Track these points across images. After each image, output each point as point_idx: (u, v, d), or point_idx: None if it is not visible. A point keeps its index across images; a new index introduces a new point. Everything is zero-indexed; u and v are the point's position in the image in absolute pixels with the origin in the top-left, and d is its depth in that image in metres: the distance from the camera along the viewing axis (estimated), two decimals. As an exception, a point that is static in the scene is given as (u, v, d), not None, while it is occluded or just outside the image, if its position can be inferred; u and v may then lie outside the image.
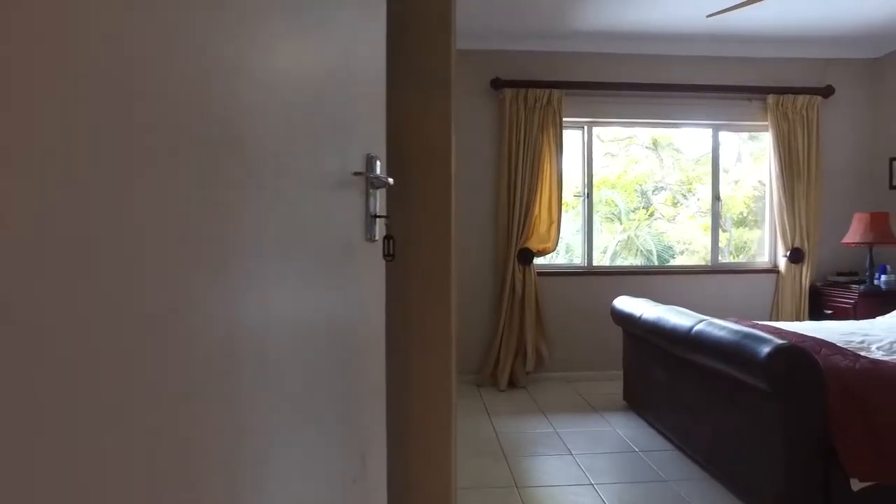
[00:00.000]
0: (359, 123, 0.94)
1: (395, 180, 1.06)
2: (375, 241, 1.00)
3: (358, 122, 0.94)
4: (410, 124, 1.24)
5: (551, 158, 4.25)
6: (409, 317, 1.27)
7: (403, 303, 1.27)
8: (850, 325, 3.40)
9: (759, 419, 2.21)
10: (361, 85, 0.97)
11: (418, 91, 1.27)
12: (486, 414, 3.64)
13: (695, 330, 2.57)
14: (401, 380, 1.27)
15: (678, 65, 4.40)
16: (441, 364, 1.28)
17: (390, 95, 1.11)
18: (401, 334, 1.26)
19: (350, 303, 0.92)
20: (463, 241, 4.35)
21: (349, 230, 0.90)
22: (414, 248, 1.25)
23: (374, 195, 0.98)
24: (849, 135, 4.55)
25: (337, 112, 0.85)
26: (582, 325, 4.38)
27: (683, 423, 2.85)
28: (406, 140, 1.24)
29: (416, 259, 1.26)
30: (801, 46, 4.39)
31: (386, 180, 0.98)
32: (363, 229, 0.96)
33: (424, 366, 1.28)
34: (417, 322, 1.28)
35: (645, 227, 5.19)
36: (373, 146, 0.99)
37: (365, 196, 0.96)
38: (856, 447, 2.02)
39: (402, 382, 1.27)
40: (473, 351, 4.38)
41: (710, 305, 4.24)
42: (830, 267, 4.49)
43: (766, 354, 2.02)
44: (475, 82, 4.35)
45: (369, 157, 0.97)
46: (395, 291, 1.20)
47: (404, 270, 1.26)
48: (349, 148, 0.90)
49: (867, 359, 2.43)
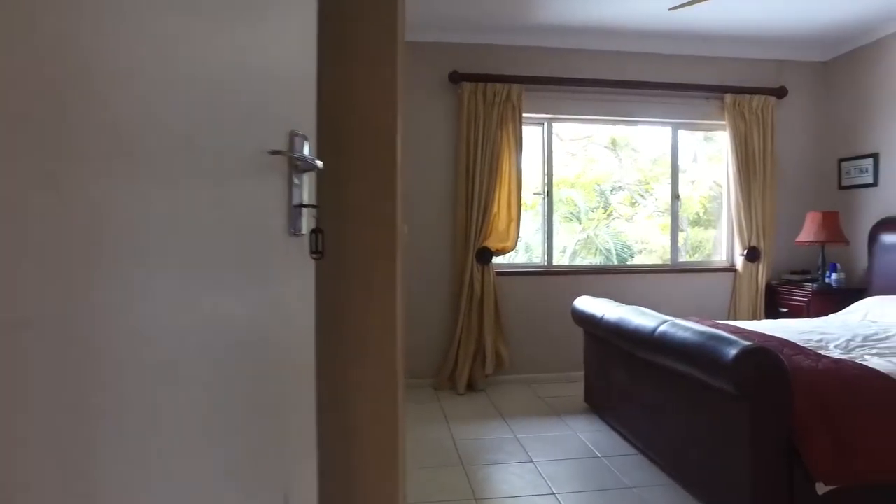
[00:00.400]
0: (278, 94, 0.78)
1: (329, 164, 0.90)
2: (301, 235, 0.83)
3: (278, 92, 0.78)
4: (349, 99, 1.08)
5: (510, 155, 4.13)
6: (348, 323, 1.11)
7: (340, 307, 1.10)
8: (807, 323, 3.40)
9: (724, 422, 2.14)
10: (282, 50, 0.80)
11: (359, 61, 1.10)
12: (444, 420, 3.50)
13: (658, 331, 2.48)
14: (339, 393, 1.10)
15: (639, 62, 4.37)
16: (385, 373, 1.13)
17: (325, 66, 0.95)
18: (337, 343, 1.10)
19: (267, 309, 0.75)
20: (420, 240, 4.20)
21: (265, 222, 0.74)
22: (352, 243, 1.09)
23: (300, 181, 0.81)
24: (801, 135, 4.61)
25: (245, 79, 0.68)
26: (542, 325, 4.29)
27: (646, 426, 2.77)
28: (344, 117, 1.08)
29: (355, 257, 1.10)
30: (756, 47, 4.42)
31: (313, 163, 0.82)
32: (285, 221, 0.79)
33: (366, 377, 1.12)
34: (357, 328, 1.12)
35: (604, 226, 5.16)
36: (299, 122, 0.83)
37: (287, 182, 0.79)
38: (820, 450, 1.97)
39: (340, 396, 1.10)
40: (431, 354, 4.23)
41: (670, 304, 4.21)
42: (785, 266, 4.54)
43: (733, 356, 1.94)
44: (432, 76, 4.20)
45: (293, 135, 0.80)
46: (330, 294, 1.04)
47: (342, 270, 1.09)
48: (266, 124, 0.74)
49: (828, 358, 2.40)
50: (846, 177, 4.40)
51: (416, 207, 4.20)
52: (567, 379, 4.23)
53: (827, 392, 2.06)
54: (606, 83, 4.26)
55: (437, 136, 4.23)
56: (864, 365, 2.32)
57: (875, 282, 3.92)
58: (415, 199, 4.21)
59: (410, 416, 3.52)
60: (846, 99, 4.42)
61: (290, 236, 0.80)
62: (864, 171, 4.25)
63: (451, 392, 4.09)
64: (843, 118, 4.44)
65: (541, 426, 3.35)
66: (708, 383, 2.16)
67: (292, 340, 0.84)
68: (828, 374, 2.17)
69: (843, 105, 4.45)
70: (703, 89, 4.38)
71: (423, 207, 4.22)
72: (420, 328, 4.21)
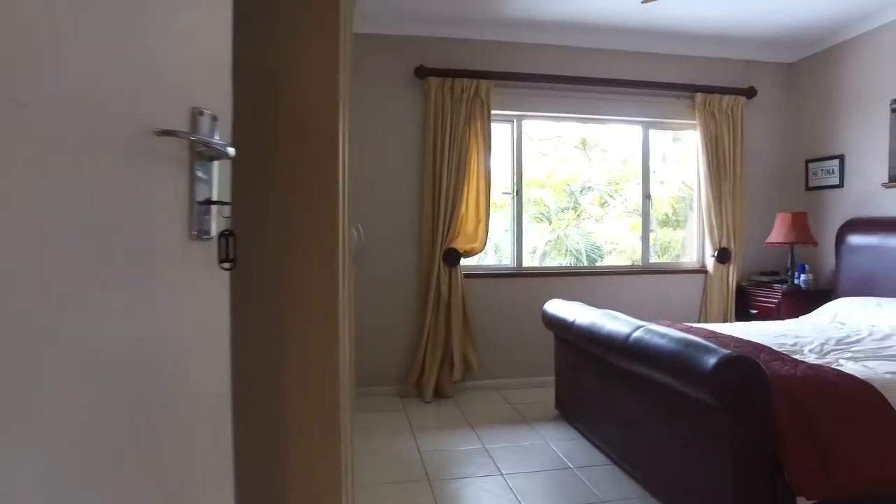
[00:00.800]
0: (177, 59, 0.61)
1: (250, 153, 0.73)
2: (209, 239, 0.66)
3: (175, 56, 0.61)
4: (278, 77, 0.90)
5: (479, 153, 3.99)
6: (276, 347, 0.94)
7: (266, 328, 0.93)
8: (779, 326, 3.35)
9: (703, 433, 2.03)
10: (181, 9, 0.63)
11: (291, 31, 0.92)
12: (410, 430, 3.33)
13: (632, 338, 2.37)
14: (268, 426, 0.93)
15: (610, 59, 4.28)
16: (326, 405, 0.96)
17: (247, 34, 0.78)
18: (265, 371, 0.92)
19: (157, 334, 0.58)
20: (384, 241, 4.02)
21: (150, 222, 0.57)
22: (281, 249, 0.91)
23: (207, 172, 0.64)
24: (769, 136, 4.60)
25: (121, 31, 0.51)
26: (512, 329, 4.16)
27: (620, 435, 2.66)
28: (272, 99, 0.90)
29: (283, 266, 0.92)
30: (726, 46, 4.38)
31: (223, 150, 0.65)
32: (185, 221, 0.62)
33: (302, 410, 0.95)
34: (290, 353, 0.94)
35: (574, 227, 5.07)
36: (206, 98, 0.66)
37: (188, 171, 0.62)
38: (802, 464, 1.87)
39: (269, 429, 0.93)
40: (396, 360, 4.07)
41: (641, 306, 4.14)
42: (754, 267, 4.52)
43: (712, 366, 1.83)
44: (397, 70, 4.03)
45: (196, 114, 0.63)
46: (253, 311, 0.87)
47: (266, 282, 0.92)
48: (155, 95, 0.57)
49: (805, 364, 2.33)
50: (813, 178, 4.40)
51: (379, 207, 4.03)
52: (537, 384, 4.11)
53: (807, 401, 1.97)
54: (577, 80, 4.16)
55: (402, 133, 4.06)
56: (842, 371, 2.25)
57: (842, 283, 3.91)
58: (378, 199, 4.03)
59: (374, 427, 3.34)
60: (812, 100, 4.42)
61: (191, 240, 0.63)
62: (831, 173, 4.25)
63: (417, 399, 3.92)
64: (810, 119, 4.44)
65: (511, 435, 3.22)
66: (685, 393, 2.05)
67: (194, 369, 0.67)
68: (807, 381, 2.09)
69: (809, 106, 4.45)
70: (674, 88, 4.32)
71: (387, 207, 4.04)
72: (385, 333, 4.04)
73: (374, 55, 4.01)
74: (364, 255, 3.87)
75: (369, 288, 3.98)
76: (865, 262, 3.75)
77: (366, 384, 3.98)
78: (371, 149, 4.02)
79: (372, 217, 4.00)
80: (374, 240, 4.00)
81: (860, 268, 3.79)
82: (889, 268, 3.58)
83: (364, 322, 3.95)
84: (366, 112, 3.99)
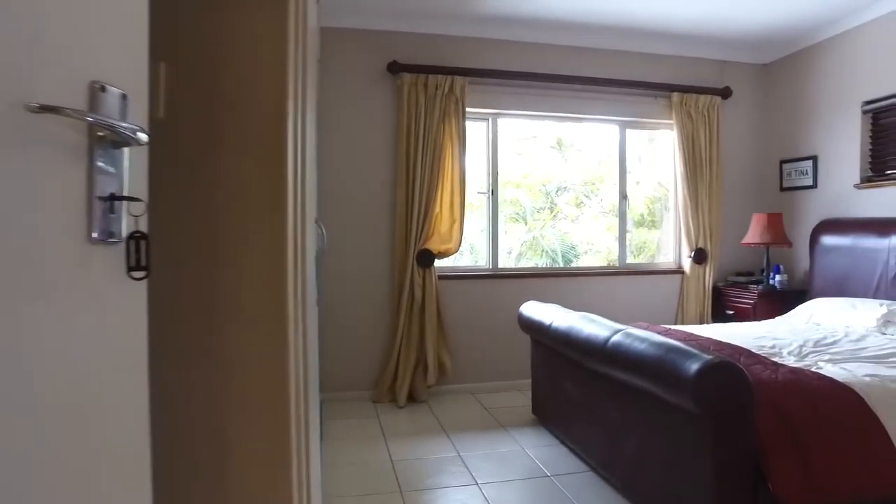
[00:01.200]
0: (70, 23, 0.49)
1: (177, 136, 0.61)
2: (114, 242, 0.55)
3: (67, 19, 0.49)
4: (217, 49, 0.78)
5: (453, 151, 3.89)
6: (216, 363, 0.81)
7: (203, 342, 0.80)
8: (757, 327, 3.33)
9: (684, 440, 1.96)
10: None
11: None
12: (382, 437, 3.21)
13: (611, 342, 2.29)
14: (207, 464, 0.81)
15: (587, 57, 4.22)
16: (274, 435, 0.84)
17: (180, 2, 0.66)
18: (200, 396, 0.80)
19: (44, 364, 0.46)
20: (355, 242, 3.89)
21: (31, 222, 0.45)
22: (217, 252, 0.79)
23: (113, 161, 0.53)
24: (745, 136, 4.60)
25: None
26: (487, 331, 4.07)
27: (599, 442, 2.58)
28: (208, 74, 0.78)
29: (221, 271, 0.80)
30: (702, 46, 4.36)
31: (133, 134, 0.53)
32: (81, 221, 0.50)
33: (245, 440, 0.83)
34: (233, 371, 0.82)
35: (549, 227, 5.01)
36: (113, 72, 0.54)
37: (85, 159, 0.50)
38: (785, 472, 1.82)
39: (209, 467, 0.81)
40: (369, 364, 3.94)
41: (618, 307, 4.10)
42: (730, 267, 4.51)
43: (695, 372, 1.76)
44: (369, 65, 3.91)
45: (97, 89, 0.51)
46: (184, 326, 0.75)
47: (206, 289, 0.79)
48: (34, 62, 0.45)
49: (786, 367, 2.28)
50: (787, 178, 4.41)
51: (351, 206, 3.90)
52: (514, 387, 4.03)
53: (790, 408, 1.91)
54: (554, 78, 4.09)
55: (375, 131, 3.94)
56: (822, 374, 2.21)
57: (816, 283, 3.91)
58: (350, 198, 3.91)
59: (345, 435, 3.21)
60: (786, 101, 4.43)
61: (90, 244, 0.52)
62: (805, 174, 4.26)
63: (391, 405, 3.81)
64: (784, 120, 4.45)
65: (486, 442, 3.12)
66: (666, 399, 1.98)
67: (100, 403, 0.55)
68: (788, 386, 2.04)
69: (783, 107, 4.46)
70: (651, 87, 4.28)
71: (359, 206, 3.92)
72: (357, 337, 3.91)
73: (346, 50, 3.88)
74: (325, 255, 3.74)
75: (340, 290, 3.85)
76: (839, 262, 3.75)
77: (337, 389, 3.85)
78: (342, 146, 3.89)
79: (343, 217, 3.87)
80: (346, 240, 3.87)
81: (833, 268, 3.79)
82: (862, 268, 3.58)
83: (335, 325, 3.82)
84: (337, 109, 3.86)
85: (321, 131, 3.73)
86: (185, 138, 0.78)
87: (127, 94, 0.55)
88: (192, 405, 0.81)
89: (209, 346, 0.82)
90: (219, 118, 0.80)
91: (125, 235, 0.56)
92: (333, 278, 3.82)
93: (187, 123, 0.78)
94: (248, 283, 0.82)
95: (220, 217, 0.81)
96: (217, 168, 0.81)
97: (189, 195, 0.79)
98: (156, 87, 0.76)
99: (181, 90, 0.77)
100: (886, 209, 3.58)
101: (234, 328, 0.82)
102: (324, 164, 3.79)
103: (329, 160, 3.83)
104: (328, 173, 3.82)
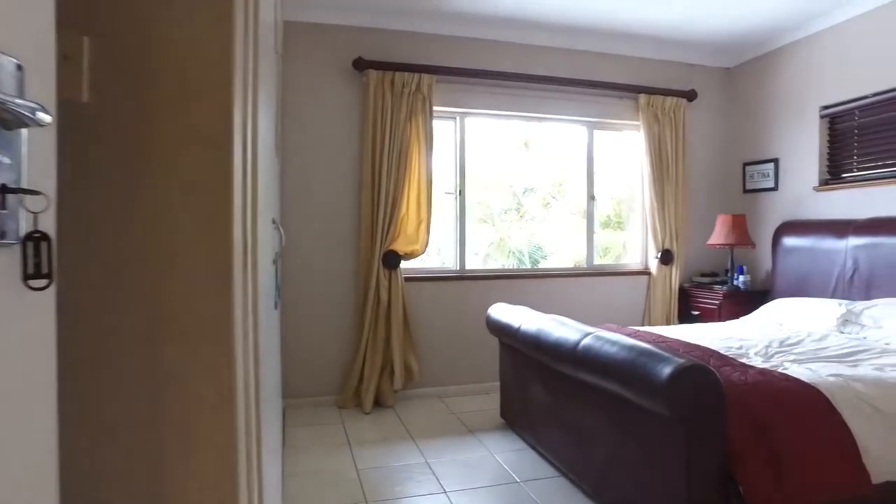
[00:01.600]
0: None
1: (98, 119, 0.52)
2: (9, 244, 0.45)
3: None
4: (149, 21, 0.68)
5: (420, 150, 3.81)
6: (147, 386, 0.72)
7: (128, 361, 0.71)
8: (723, 328, 3.35)
9: (656, 445, 1.93)
10: None
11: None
12: (347, 444, 3.11)
13: (582, 345, 2.25)
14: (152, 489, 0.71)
15: (556, 57, 4.19)
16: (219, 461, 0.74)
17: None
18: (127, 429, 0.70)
19: None
20: (319, 243, 3.77)
21: None
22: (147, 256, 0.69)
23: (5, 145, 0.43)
24: (709, 138, 4.65)
25: None
26: (455, 334, 4.00)
27: (569, 446, 2.54)
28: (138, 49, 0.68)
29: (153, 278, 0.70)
30: (669, 48, 4.39)
31: (30, 114, 0.44)
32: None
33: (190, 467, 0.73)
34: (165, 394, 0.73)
35: (517, 228, 4.97)
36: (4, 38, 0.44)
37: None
38: (756, 476, 1.80)
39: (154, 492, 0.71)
40: (333, 369, 3.83)
41: (586, 308, 4.09)
42: (695, 268, 4.55)
43: (668, 376, 1.72)
44: (334, 61, 3.80)
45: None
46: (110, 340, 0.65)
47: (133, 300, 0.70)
48: None
49: (755, 369, 2.28)
50: (750, 181, 4.48)
51: (314, 206, 3.78)
52: (482, 390, 3.98)
53: (759, 410, 1.90)
54: (522, 77, 4.05)
55: (339, 128, 3.83)
56: (789, 374, 2.21)
57: (778, 284, 3.97)
58: (314, 197, 3.79)
59: (309, 444, 3.09)
60: (749, 104, 4.50)
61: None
62: (767, 176, 4.33)
63: (357, 410, 3.70)
64: (747, 123, 4.51)
65: (454, 447, 3.05)
66: (638, 402, 1.94)
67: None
68: (758, 388, 2.03)
69: (745, 110, 4.53)
70: (618, 88, 4.29)
71: (322, 206, 3.80)
72: (321, 341, 3.79)
73: (311, 45, 3.76)
74: (287, 256, 3.61)
75: (303, 292, 3.73)
76: (799, 263, 3.82)
77: (301, 395, 3.73)
78: (305, 143, 3.76)
79: (307, 217, 3.75)
80: (309, 241, 3.75)
81: (795, 269, 3.85)
82: (820, 269, 3.65)
83: (298, 329, 3.69)
84: (301, 105, 3.74)
85: (284, 128, 3.60)
86: (113, 126, 0.68)
87: (23, 65, 0.46)
88: (122, 429, 0.71)
89: (140, 366, 0.72)
90: (152, 103, 0.71)
91: (19, 236, 0.46)
92: (296, 280, 3.69)
93: (114, 109, 0.69)
94: (185, 290, 0.72)
95: (150, 217, 0.71)
96: (149, 160, 0.71)
97: (115, 191, 0.69)
98: (77, 66, 0.66)
99: (108, 70, 0.67)
100: (843, 211, 3.66)
101: (170, 343, 0.73)
102: (286, 163, 3.66)
103: (292, 158, 3.70)
104: (290, 172, 3.69)
